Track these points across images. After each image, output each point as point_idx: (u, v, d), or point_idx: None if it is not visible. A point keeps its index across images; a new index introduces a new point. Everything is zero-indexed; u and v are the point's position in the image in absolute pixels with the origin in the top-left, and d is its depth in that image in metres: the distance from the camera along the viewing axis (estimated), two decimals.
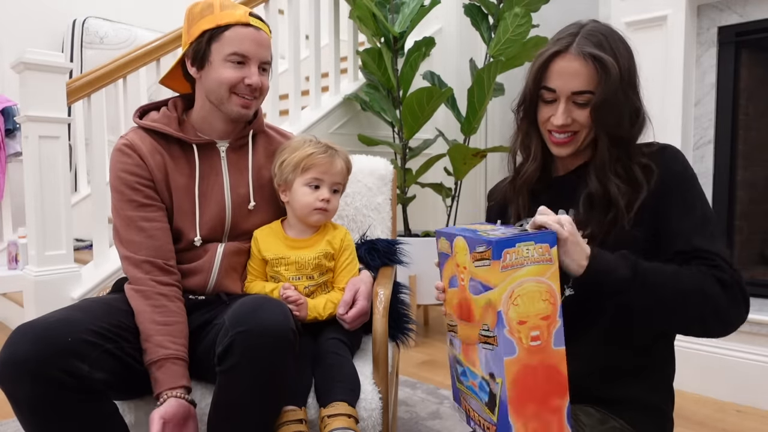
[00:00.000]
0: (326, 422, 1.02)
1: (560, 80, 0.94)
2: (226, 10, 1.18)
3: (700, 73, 2.16)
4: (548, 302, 0.75)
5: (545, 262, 0.76)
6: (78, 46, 3.75)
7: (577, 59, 0.92)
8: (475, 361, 0.83)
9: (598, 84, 0.92)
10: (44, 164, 2.28)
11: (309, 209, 1.24)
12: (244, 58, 1.17)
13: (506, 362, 0.74)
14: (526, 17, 2.62)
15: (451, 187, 2.96)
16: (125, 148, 1.18)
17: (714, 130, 2.15)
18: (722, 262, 0.86)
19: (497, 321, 0.74)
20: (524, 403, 0.75)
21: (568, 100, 0.94)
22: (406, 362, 2.42)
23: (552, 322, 0.75)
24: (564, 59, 0.93)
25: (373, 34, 2.79)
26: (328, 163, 1.24)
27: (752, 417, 1.84)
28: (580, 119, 0.95)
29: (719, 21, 2.11)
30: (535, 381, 0.75)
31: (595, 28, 0.95)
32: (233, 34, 1.16)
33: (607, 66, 0.91)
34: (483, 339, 0.79)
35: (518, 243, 0.74)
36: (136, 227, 1.15)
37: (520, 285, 0.74)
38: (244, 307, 1.00)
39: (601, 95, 0.91)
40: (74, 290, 2.38)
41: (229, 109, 1.20)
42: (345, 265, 1.28)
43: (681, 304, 0.83)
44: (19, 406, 0.92)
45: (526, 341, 0.74)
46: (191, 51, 1.19)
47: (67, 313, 1.00)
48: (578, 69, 0.92)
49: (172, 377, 1.03)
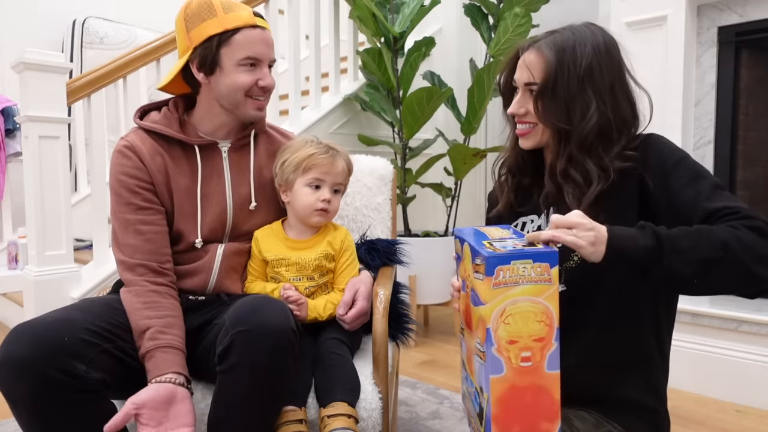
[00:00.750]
0: (326, 422, 1.02)
1: (518, 72, 1.00)
2: (231, 13, 1.16)
3: (700, 73, 2.16)
4: (543, 323, 0.72)
5: (543, 282, 0.72)
6: (78, 46, 3.75)
7: (533, 52, 0.97)
8: (473, 369, 0.82)
9: (540, 77, 0.96)
10: (44, 164, 2.28)
11: (310, 210, 1.23)
12: (256, 61, 1.17)
13: (492, 380, 0.72)
14: (526, 17, 2.63)
15: (451, 187, 2.96)
16: (125, 150, 1.17)
17: (714, 130, 2.15)
18: (748, 212, 0.80)
19: (486, 338, 0.72)
20: (509, 423, 0.73)
21: (524, 90, 0.99)
22: (406, 362, 2.42)
23: (546, 345, 0.73)
24: (526, 53, 0.99)
25: (373, 34, 2.79)
26: (330, 163, 1.24)
27: (752, 417, 1.84)
28: (532, 110, 0.98)
29: (719, 21, 2.11)
30: (523, 402, 0.73)
31: (572, 28, 0.98)
32: (244, 38, 1.15)
33: (546, 58, 0.95)
34: (477, 351, 0.78)
35: (514, 260, 0.70)
36: (133, 230, 1.14)
37: (513, 303, 0.71)
38: (245, 306, 1.00)
39: (542, 84, 0.95)
40: (74, 290, 2.38)
41: (244, 112, 1.20)
42: (345, 266, 1.28)
43: (722, 260, 0.76)
44: (16, 407, 0.92)
45: (516, 361, 0.72)
46: (198, 57, 1.16)
47: (64, 312, 1.00)
48: (532, 61, 0.97)
49: (162, 364, 1.00)
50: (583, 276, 0.93)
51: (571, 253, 0.92)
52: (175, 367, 1.01)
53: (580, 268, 0.93)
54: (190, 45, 1.17)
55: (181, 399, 0.98)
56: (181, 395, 0.98)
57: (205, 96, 1.22)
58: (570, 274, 0.94)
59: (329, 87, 3.11)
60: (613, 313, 0.94)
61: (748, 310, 1.96)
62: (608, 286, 0.93)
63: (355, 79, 3.17)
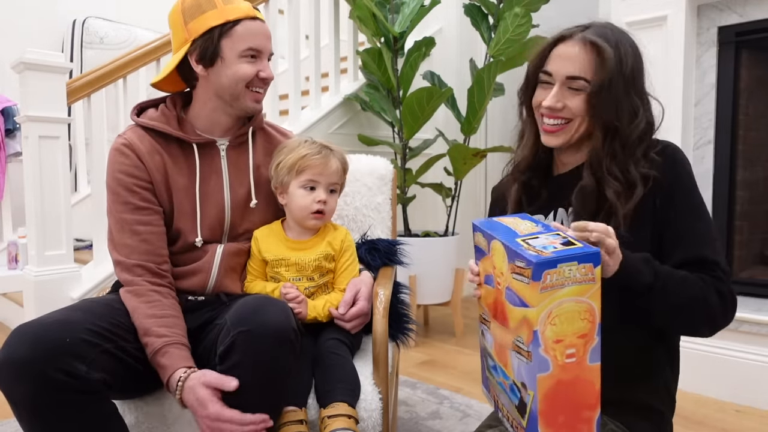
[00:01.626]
0: (326, 423, 1.02)
1: (557, 63, 0.94)
2: (231, 4, 1.16)
3: (700, 73, 2.16)
4: (587, 321, 0.73)
5: (588, 282, 0.72)
6: (78, 46, 3.75)
7: (577, 44, 0.93)
8: (507, 363, 0.82)
9: (595, 73, 0.92)
10: (44, 164, 2.28)
11: (306, 212, 1.23)
12: (257, 52, 1.17)
13: (539, 378, 0.73)
14: (526, 17, 2.62)
15: (451, 187, 2.96)
16: (123, 147, 1.16)
17: (714, 130, 2.15)
18: (722, 274, 0.90)
19: (532, 339, 0.73)
20: (555, 415, 0.75)
21: (563, 84, 0.94)
22: (406, 362, 2.42)
23: (589, 340, 0.74)
24: (566, 44, 0.94)
25: (373, 34, 2.79)
26: (323, 164, 1.23)
27: (751, 417, 1.85)
28: (572, 106, 0.94)
29: (719, 21, 2.11)
30: (566, 395, 0.74)
31: (605, 24, 0.96)
32: (245, 30, 1.15)
33: (605, 54, 0.91)
34: (516, 348, 0.78)
35: (560, 264, 0.70)
36: (130, 230, 1.13)
37: (559, 305, 0.72)
38: (246, 306, 1.00)
39: (598, 82, 0.91)
40: (74, 290, 2.38)
41: (243, 104, 1.20)
42: (345, 266, 1.28)
43: (687, 310, 0.88)
44: (17, 407, 0.92)
45: (561, 359, 0.73)
46: (198, 48, 1.16)
47: (65, 313, 1.00)
48: (576, 54, 0.93)
49: (179, 359, 1.02)
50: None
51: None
52: (190, 362, 1.03)
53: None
54: (189, 37, 1.16)
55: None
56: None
57: (203, 90, 1.21)
58: None
59: (329, 87, 3.10)
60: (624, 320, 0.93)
61: (748, 310, 1.96)
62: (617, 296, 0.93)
63: (355, 79, 3.17)
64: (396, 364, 1.48)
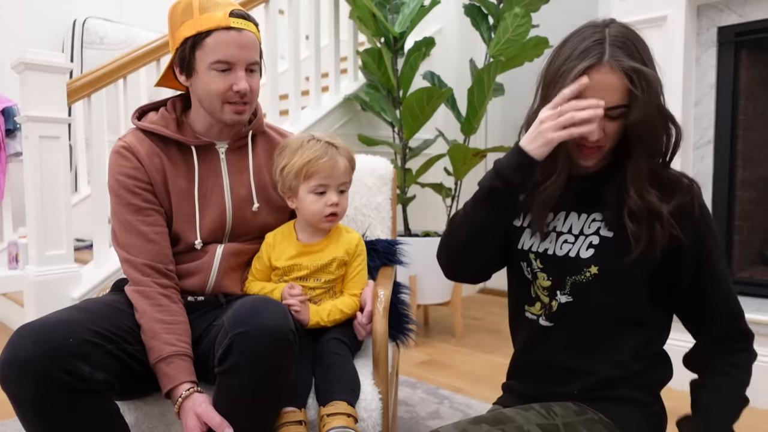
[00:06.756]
0: (325, 421, 1.02)
1: (595, 96, 0.87)
2: (205, 14, 1.11)
3: (700, 73, 2.16)
4: None
5: None
6: (78, 46, 3.75)
7: (613, 73, 0.86)
8: None
9: (633, 97, 0.86)
10: (44, 164, 2.28)
11: (319, 216, 1.21)
12: (228, 64, 1.12)
13: None
14: (526, 17, 2.62)
15: (451, 187, 2.96)
16: (123, 150, 1.17)
17: (714, 130, 2.15)
18: (750, 345, 0.95)
19: None
20: None
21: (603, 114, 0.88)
22: (406, 362, 2.42)
23: None
24: (599, 73, 0.86)
25: (373, 34, 2.79)
26: (331, 166, 1.19)
27: (751, 416, 1.84)
28: (609, 131, 0.90)
29: (719, 21, 2.11)
30: None
31: (621, 34, 0.89)
32: (214, 41, 1.11)
33: (649, 80, 0.86)
34: None
35: None
36: (135, 231, 1.14)
37: None
38: (244, 308, 1.00)
39: (641, 111, 0.87)
40: (74, 290, 2.38)
41: (223, 117, 1.17)
42: (357, 272, 1.27)
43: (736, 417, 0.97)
44: (20, 407, 0.92)
45: None
46: (178, 59, 1.15)
47: (68, 313, 1.00)
48: (614, 84, 0.86)
49: (183, 372, 1.03)
50: (593, 291, 0.93)
51: (584, 268, 0.93)
52: (193, 376, 1.05)
53: (591, 283, 0.93)
54: (174, 46, 1.16)
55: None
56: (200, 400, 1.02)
57: (193, 96, 1.21)
58: (580, 287, 0.94)
59: (329, 87, 3.11)
60: (622, 326, 0.94)
61: (748, 310, 1.95)
62: (617, 303, 0.93)
63: (355, 79, 3.17)
64: (396, 364, 1.48)
